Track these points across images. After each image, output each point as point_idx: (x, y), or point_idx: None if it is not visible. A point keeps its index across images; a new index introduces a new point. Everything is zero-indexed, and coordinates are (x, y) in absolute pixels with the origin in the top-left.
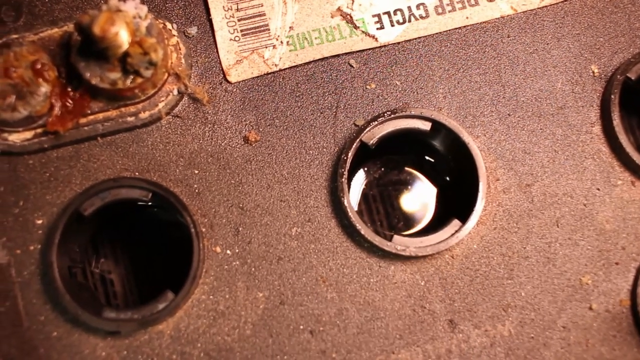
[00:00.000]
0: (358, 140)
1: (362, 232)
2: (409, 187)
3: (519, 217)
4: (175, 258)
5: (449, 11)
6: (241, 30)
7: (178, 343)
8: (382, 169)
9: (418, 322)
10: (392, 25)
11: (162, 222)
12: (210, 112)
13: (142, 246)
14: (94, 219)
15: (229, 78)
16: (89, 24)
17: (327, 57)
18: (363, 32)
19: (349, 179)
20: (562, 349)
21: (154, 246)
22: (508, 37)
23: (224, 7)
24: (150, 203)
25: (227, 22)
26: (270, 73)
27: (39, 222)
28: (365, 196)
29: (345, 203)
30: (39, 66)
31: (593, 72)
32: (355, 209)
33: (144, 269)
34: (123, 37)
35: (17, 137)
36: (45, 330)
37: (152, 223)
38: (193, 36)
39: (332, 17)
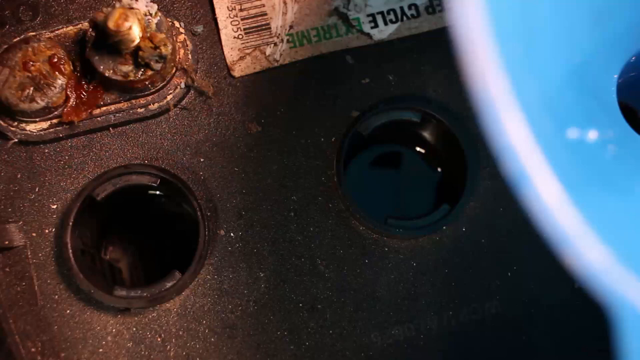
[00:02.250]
0: (353, 130)
1: (358, 215)
2: (402, 175)
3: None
4: (180, 249)
5: (439, 11)
6: (244, 29)
7: (184, 320)
8: (377, 158)
9: (411, 301)
10: (386, 24)
11: (169, 214)
12: (215, 104)
13: (150, 237)
14: (106, 205)
15: (233, 73)
16: (103, 20)
17: (324, 54)
18: (358, 30)
19: (345, 167)
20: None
21: (161, 238)
22: None
23: (228, 7)
24: (158, 192)
25: (231, 21)
26: (271, 68)
27: (54, 207)
28: (359, 183)
29: (341, 189)
30: (55, 60)
31: None
32: (351, 194)
33: (150, 259)
34: (135, 32)
35: (34, 127)
36: (59, 308)
37: (160, 215)
38: (199, 34)
39: (329, 16)
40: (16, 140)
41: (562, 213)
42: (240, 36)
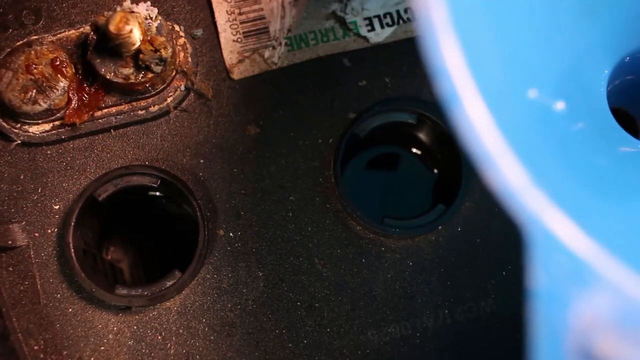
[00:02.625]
0: (350, 131)
1: (355, 215)
2: (399, 176)
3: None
4: (180, 249)
5: None
6: (243, 32)
7: (185, 318)
8: (374, 159)
9: (407, 299)
10: (382, 28)
11: (169, 214)
12: (214, 106)
13: (150, 238)
14: (107, 205)
15: (232, 75)
16: (105, 24)
17: (322, 57)
18: (355, 34)
19: (342, 168)
20: None
21: (161, 238)
22: None
23: (227, 11)
24: (158, 193)
25: (230, 25)
26: (270, 71)
27: (56, 207)
28: (356, 184)
29: (339, 189)
30: (57, 63)
31: None
32: (348, 195)
33: (151, 260)
34: (136, 35)
35: (36, 129)
36: (62, 307)
37: (160, 215)
38: (199, 37)
39: (326, 20)
40: (19, 142)
41: (484, 131)
42: (239, 39)
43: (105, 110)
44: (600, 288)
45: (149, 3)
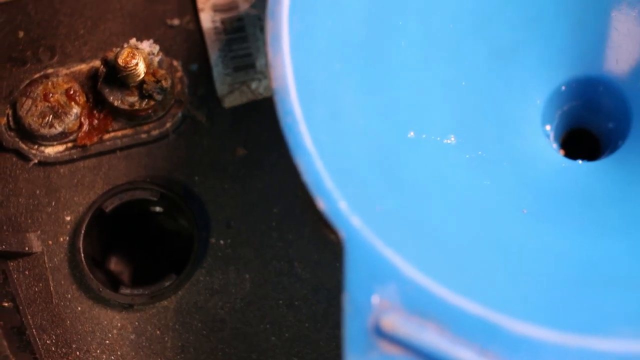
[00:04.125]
0: None
1: (330, 225)
2: None
3: None
4: (176, 260)
5: None
6: (233, 67)
7: (180, 315)
8: None
9: None
10: None
11: (166, 230)
12: (207, 131)
13: (149, 251)
14: (113, 217)
15: (223, 104)
16: (113, 58)
17: None
18: None
19: None
20: None
21: (159, 251)
22: None
23: (219, 49)
24: (158, 208)
25: (222, 61)
26: (256, 100)
27: (68, 218)
28: None
29: (317, 202)
30: (71, 92)
31: None
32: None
33: (149, 269)
34: (141, 68)
35: (51, 150)
36: (71, 306)
37: (158, 231)
38: (194, 71)
39: None
40: (36, 161)
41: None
42: (229, 73)
43: (112, 133)
44: (391, 281)
45: (151, 40)
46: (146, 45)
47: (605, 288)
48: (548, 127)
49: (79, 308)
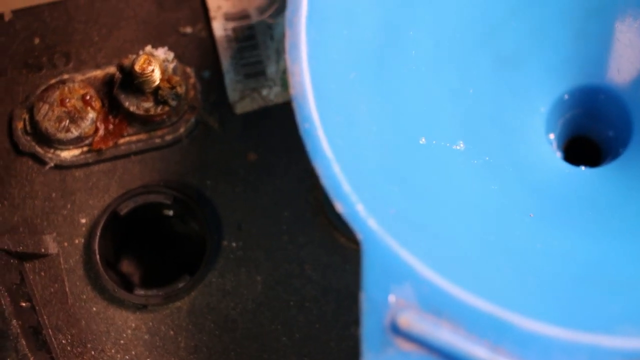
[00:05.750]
0: None
1: (340, 228)
2: None
3: None
4: (189, 262)
5: None
6: (244, 74)
7: (193, 316)
8: None
9: None
10: None
11: (179, 234)
12: (219, 136)
13: (162, 254)
14: (127, 220)
15: (234, 110)
16: (130, 65)
17: None
18: None
19: None
20: None
21: (172, 254)
22: None
23: (231, 56)
24: (171, 212)
25: (234, 68)
26: (267, 107)
27: (83, 220)
28: None
29: (326, 206)
30: (87, 98)
31: None
32: (334, 211)
33: (162, 272)
34: (156, 74)
35: (67, 154)
36: (87, 306)
37: (170, 235)
38: (207, 78)
39: None
40: (52, 165)
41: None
42: (240, 80)
43: (127, 138)
44: (406, 281)
45: (166, 48)
46: (161, 53)
47: (610, 288)
48: (552, 136)
49: (94, 308)
